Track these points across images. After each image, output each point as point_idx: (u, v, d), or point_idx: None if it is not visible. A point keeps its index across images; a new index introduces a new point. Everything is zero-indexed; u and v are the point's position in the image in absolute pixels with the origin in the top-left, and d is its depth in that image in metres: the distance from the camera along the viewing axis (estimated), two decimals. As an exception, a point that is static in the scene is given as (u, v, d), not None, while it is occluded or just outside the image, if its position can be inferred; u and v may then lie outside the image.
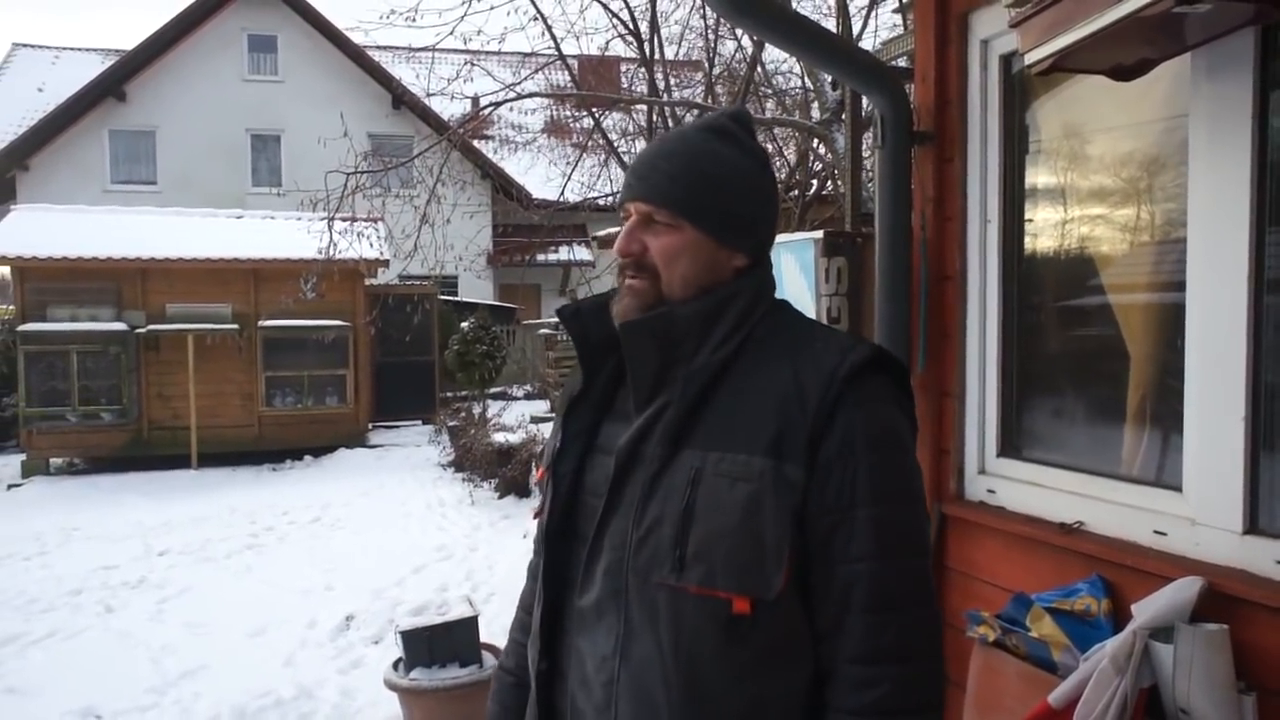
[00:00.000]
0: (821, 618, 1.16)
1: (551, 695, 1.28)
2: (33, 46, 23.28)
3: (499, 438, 9.47)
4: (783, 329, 1.27)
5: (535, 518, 1.37)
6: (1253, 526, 1.76)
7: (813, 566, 1.16)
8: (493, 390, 13.16)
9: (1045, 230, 2.47)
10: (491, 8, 9.66)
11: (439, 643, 3.95)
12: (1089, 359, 2.38)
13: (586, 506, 1.26)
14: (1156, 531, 1.95)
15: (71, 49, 23.26)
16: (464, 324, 12.74)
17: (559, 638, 1.27)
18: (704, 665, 1.14)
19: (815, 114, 8.70)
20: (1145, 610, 1.77)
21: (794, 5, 7.84)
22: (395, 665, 4.03)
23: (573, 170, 11.53)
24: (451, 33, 9.33)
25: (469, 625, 4.04)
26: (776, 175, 9.84)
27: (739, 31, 9.75)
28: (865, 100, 3.15)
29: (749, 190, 1.28)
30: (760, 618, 1.14)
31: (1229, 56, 1.76)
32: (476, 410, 11.64)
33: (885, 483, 1.16)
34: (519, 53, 13.04)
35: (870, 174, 3.90)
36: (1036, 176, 2.48)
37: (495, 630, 4.63)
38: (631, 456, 1.22)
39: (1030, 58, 1.83)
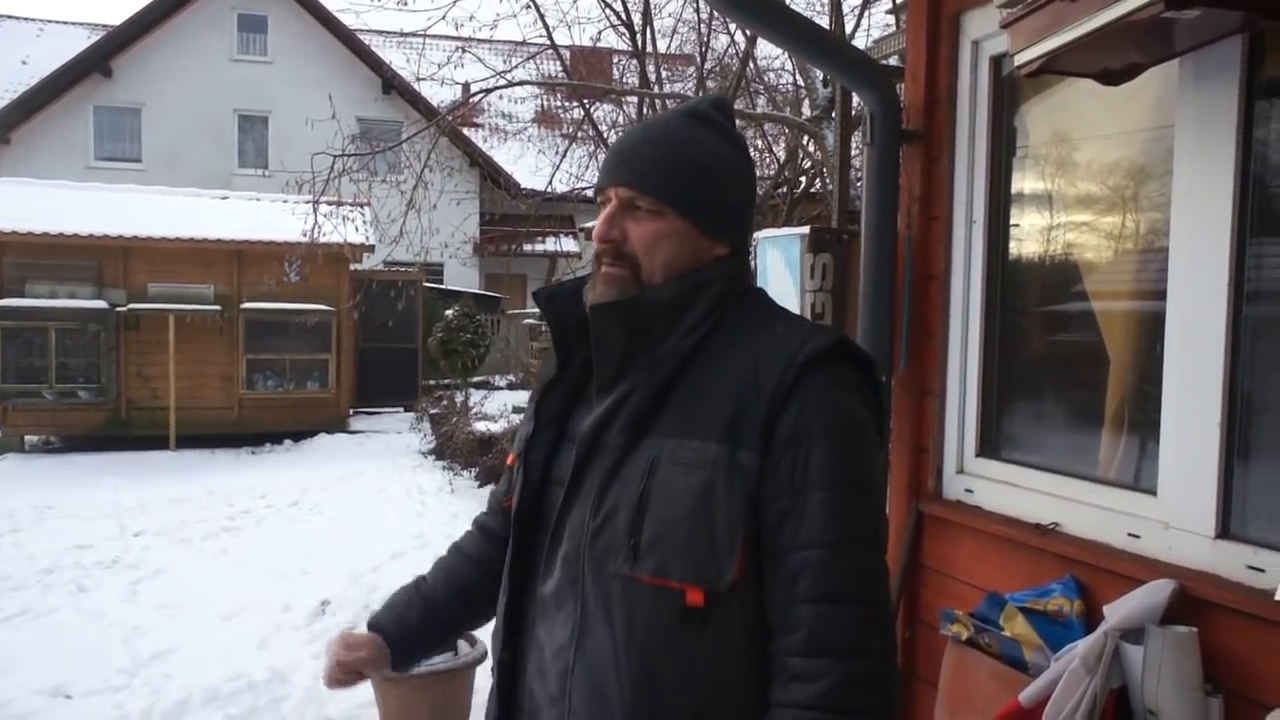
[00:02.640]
0: (771, 608, 1.13)
1: (512, 686, 1.27)
2: (16, 18, 22.95)
3: (480, 426, 9.46)
4: (749, 315, 1.24)
5: (506, 503, 1.36)
6: (1225, 531, 1.78)
7: (765, 555, 1.13)
8: (475, 379, 13.10)
9: (1030, 234, 2.48)
10: (484, -7, 9.61)
11: (414, 629, 3.93)
12: (1069, 362, 2.40)
13: (551, 495, 1.25)
14: (1130, 534, 1.97)
15: (56, 22, 22.96)
16: (448, 312, 12.67)
17: (521, 628, 1.26)
18: (657, 657, 1.12)
19: (806, 110, 8.71)
20: (1117, 612, 1.79)
21: (788, 2, 7.82)
22: (370, 651, 4.01)
23: (561, 160, 11.49)
24: (443, 18, 9.24)
25: (445, 613, 4.03)
26: (766, 172, 9.85)
27: (732, 26, 9.74)
28: (856, 99, 3.15)
29: (732, 179, 1.26)
30: (714, 609, 1.12)
31: (1216, 64, 1.77)
32: (459, 398, 11.60)
33: (840, 469, 1.13)
34: (511, 41, 12.98)
35: (859, 172, 3.91)
36: (1023, 180, 2.48)
37: (471, 618, 4.61)
38: (593, 444, 1.19)
39: (1020, 59, 1.84)
